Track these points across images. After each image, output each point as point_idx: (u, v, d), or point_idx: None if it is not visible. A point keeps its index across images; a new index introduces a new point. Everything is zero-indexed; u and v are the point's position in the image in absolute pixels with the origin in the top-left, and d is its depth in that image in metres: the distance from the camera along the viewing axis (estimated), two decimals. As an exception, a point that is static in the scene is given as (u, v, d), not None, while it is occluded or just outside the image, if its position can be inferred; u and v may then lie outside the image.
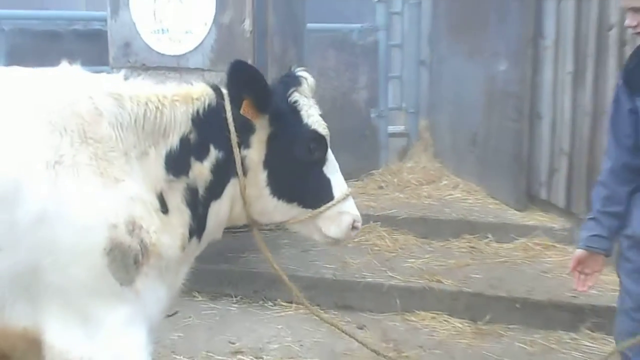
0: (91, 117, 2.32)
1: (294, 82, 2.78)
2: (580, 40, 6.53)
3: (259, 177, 2.70)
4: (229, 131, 2.61)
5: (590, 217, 3.46)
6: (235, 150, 2.61)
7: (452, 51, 8.97)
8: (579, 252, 3.47)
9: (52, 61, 2.57)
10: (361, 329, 5.27)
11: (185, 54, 5.61)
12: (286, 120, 2.72)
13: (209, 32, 5.51)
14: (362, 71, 9.29)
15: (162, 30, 5.65)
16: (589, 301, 5.16)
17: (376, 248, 6.49)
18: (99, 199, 2.24)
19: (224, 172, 2.64)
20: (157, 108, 2.48)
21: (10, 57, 6.71)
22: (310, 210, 2.80)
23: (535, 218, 7.12)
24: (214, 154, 2.60)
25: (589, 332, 5.17)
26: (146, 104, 2.47)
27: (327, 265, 5.78)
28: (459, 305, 5.43)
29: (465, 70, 8.41)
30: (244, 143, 2.65)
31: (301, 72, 2.85)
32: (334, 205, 2.81)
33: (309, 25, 7.56)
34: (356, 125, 8.97)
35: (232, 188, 2.68)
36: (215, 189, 2.64)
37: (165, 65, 5.55)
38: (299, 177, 2.79)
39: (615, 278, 3.97)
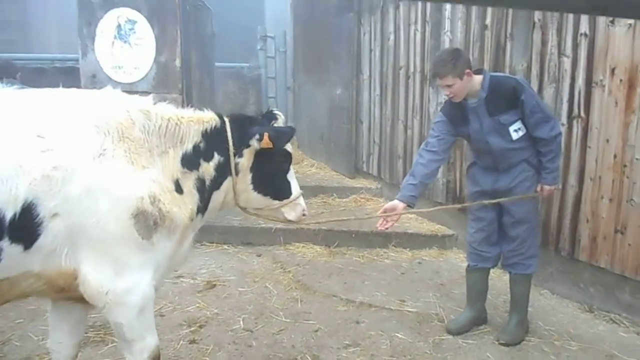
0: (127, 123, 2.22)
1: (273, 117, 2.74)
2: (383, 75, 6.81)
3: (246, 178, 2.63)
4: (228, 145, 2.54)
5: (412, 182, 3.45)
6: (232, 158, 2.54)
7: (306, 82, 9.01)
8: (395, 203, 3.43)
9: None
10: (259, 256, 5.28)
11: (136, 82, 5.38)
12: None
13: (151, 68, 5.32)
14: (251, 94, 9.31)
15: (119, 66, 5.40)
16: (393, 230, 5.34)
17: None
18: (130, 179, 2.16)
19: (223, 172, 2.55)
20: (176, 124, 2.39)
21: (6, 88, 6.10)
22: (278, 202, 2.77)
23: (360, 182, 7.27)
24: (217, 158, 2.51)
25: (393, 247, 5.51)
26: (168, 119, 2.37)
27: (235, 217, 5.69)
28: (319, 237, 5.51)
29: (316, 94, 8.46)
30: (238, 153, 2.57)
31: (277, 111, 2.82)
32: (292, 199, 2.80)
33: (217, 64, 7.43)
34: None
35: (227, 183, 2.59)
36: (217, 182, 2.55)
37: (123, 90, 5.29)
38: (273, 179, 2.73)
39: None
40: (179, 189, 2.33)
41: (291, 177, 2.81)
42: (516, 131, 3.35)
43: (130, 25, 5.27)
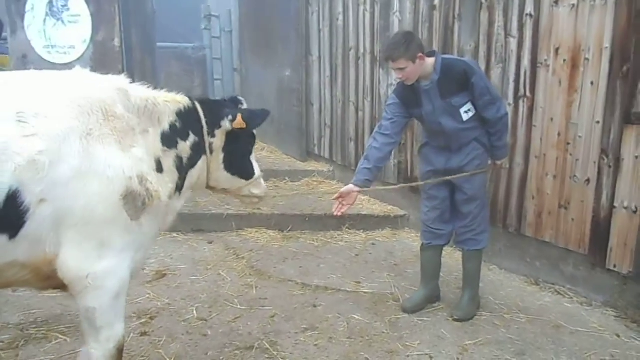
0: (110, 101, 2.19)
1: (238, 102, 2.83)
2: (332, 56, 6.75)
3: (218, 157, 2.69)
4: (202, 125, 2.57)
5: (367, 167, 3.50)
6: (205, 137, 2.59)
7: (254, 63, 8.76)
8: (350, 187, 3.48)
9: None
10: (211, 243, 5.15)
11: (71, 62, 5.07)
12: None
13: (87, 47, 5.04)
14: (197, 75, 9.03)
15: (51, 46, 5.06)
16: (346, 212, 5.45)
17: (215, 192, 6.26)
18: (118, 159, 2.12)
19: (198, 151, 2.58)
20: (153, 103, 2.38)
21: None
22: (245, 181, 2.86)
23: (312, 165, 7.23)
24: (192, 137, 2.53)
25: (347, 229, 5.54)
26: (146, 99, 2.36)
27: (185, 205, 5.57)
28: (272, 222, 5.46)
29: (264, 75, 8.22)
30: (211, 134, 2.62)
31: (240, 97, 2.90)
32: (256, 178, 2.90)
33: (159, 44, 7.12)
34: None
35: (202, 162, 2.62)
36: (193, 160, 2.56)
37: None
38: (241, 160, 2.82)
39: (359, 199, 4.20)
40: (159, 168, 2.34)
41: (253, 158, 2.93)
42: (466, 112, 3.43)
43: (63, 1, 4.94)
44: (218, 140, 2.66)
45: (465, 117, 3.43)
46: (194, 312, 3.78)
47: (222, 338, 3.43)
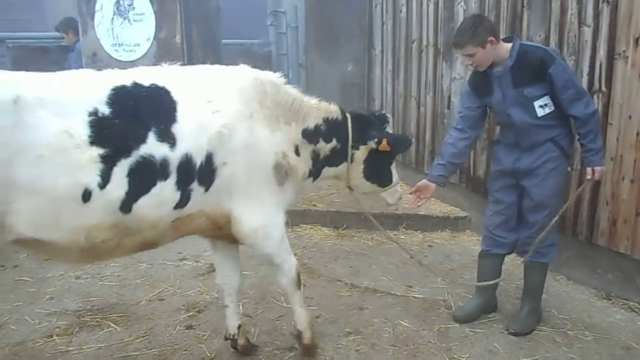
0: (263, 94, 2.68)
1: (385, 120, 3.20)
2: (395, 49, 6.59)
3: (359, 167, 3.13)
4: (348, 137, 3.04)
5: (440, 162, 3.43)
6: (349, 150, 3.05)
7: (318, 58, 8.70)
8: (426, 182, 3.46)
9: (44, 68, 2.54)
10: None
11: (136, 60, 5.27)
12: None
13: (151, 45, 5.20)
14: (262, 71, 9.08)
15: (119, 44, 5.29)
16: (404, 212, 5.30)
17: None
18: (270, 138, 2.67)
19: (338, 156, 3.06)
20: (300, 103, 2.87)
21: (14, 66, 6.07)
22: (381, 188, 3.26)
23: None
24: (334, 143, 3.02)
25: (404, 230, 5.36)
26: (294, 98, 2.85)
27: None
28: (327, 219, 5.39)
29: (328, 70, 8.10)
30: (355, 147, 3.07)
31: (388, 114, 3.30)
32: (393, 186, 3.28)
33: (225, 41, 7.24)
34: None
35: (342, 167, 3.10)
36: (331, 161, 3.06)
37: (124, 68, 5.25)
38: (380, 171, 3.20)
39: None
40: (297, 152, 2.85)
41: (393, 166, 3.28)
42: (542, 107, 3.11)
43: (129, 0, 5.13)
44: (360, 154, 3.10)
45: (540, 112, 3.12)
46: (241, 307, 3.74)
47: (264, 336, 3.41)
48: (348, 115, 3.08)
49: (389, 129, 3.23)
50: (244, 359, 3.17)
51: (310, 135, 2.91)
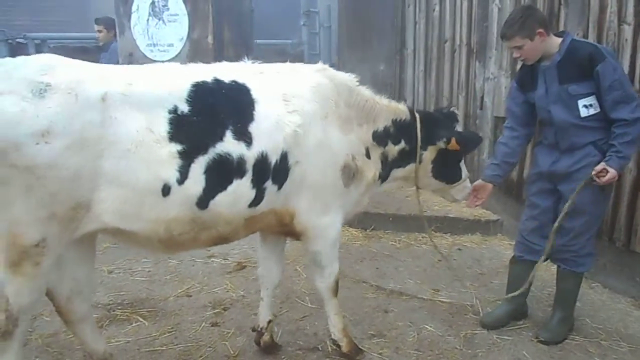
0: (338, 96, 2.69)
1: (454, 118, 3.17)
2: (427, 49, 6.50)
3: (427, 167, 3.10)
4: (416, 138, 2.99)
5: (494, 162, 3.40)
6: (418, 150, 3.01)
7: (350, 58, 8.67)
8: (482, 182, 3.41)
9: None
10: None
11: (170, 59, 5.37)
12: None
13: (184, 45, 5.30)
14: (295, 71, 9.14)
15: (153, 44, 5.41)
16: (432, 214, 5.23)
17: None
18: (342, 139, 2.68)
19: (406, 157, 3.03)
20: (372, 105, 2.85)
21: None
22: (449, 185, 3.23)
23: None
24: (402, 144, 2.99)
25: (433, 232, 5.14)
26: (367, 100, 2.83)
27: None
28: (355, 220, 5.16)
29: (359, 70, 8.14)
30: (423, 147, 3.03)
31: (457, 111, 3.28)
32: (461, 182, 3.24)
33: (258, 41, 7.32)
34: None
35: (410, 168, 3.07)
36: (398, 163, 3.03)
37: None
38: (449, 168, 3.16)
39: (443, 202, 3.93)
40: (368, 155, 2.86)
41: (461, 162, 3.23)
42: (586, 107, 2.96)
43: (164, 1, 5.23)
44: (429, 154, 3.06)
45: (583, 112, 2.97)
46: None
47: (287, 336, 3.41)
48: (417, 115, 3.04)
49: (458, 126, 3.19)
50: (266, 357, 3.17)
51: (380, 138, 2.90)
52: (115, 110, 2.12)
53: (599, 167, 2.95)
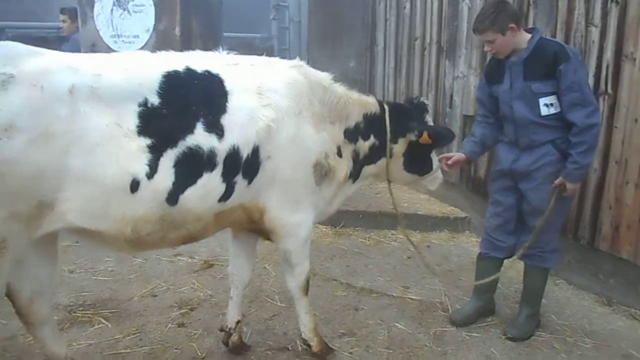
0: (311, 93, 2.64)
1: (424, 109, 3.11)
2: (398, 46, 6.50)
3: (398, 160, 3.06)
4: (386, 131, 2.94)
5: (474, 140, 3.42)
6: (388, 144, 2.96)
7: (320, 53, 8.62)
8: (461, 155, 3.42)
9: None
10: None
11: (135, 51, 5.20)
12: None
13: (150, 36, 5.12)
14: (263, 66, 9.00)
15: (118, 35, 5.21)
16: (402, 210, 5.17)
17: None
18: (315, 136, 2.63)
19: (377, 152, 2.97)
20: (344, 102, 2.80)
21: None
22: (421, 177, 3.21)
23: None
24: (372, 140, 2.94)
25: (403, 229, 5.27)
26: (339, 97, 2.79)
27: None
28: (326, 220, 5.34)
29: (329, 67, 8.10)
30: (393, 140, 2.98)
31: (427, 102, 3.18)
32: (433, 173, 3.21)
33: (226, 34, 7.16)
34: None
35: (381, 163, 3.02)
36: (369, 159, 2.97)
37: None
38: (421, 160, 3.14)
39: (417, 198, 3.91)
40: (339, 153, 2.81)
41: (432, 153, 3.20)
42: (547, 106, 3.00)
43: (129, -9, 5.05)
44: (400, 147, 3.02)
45: (544, 110, 3.01)
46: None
47: (256, 336, 3.34)
48: (386, 107, 2.98)
49: (429, 117, 3.14)
50: (235, 358, 3.10)
51: (351, 134, 2.86)
52: (84, 103, 2.01)
53: (557, 182, 3.05)
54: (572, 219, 3.98)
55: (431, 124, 3.16)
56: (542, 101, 3.00)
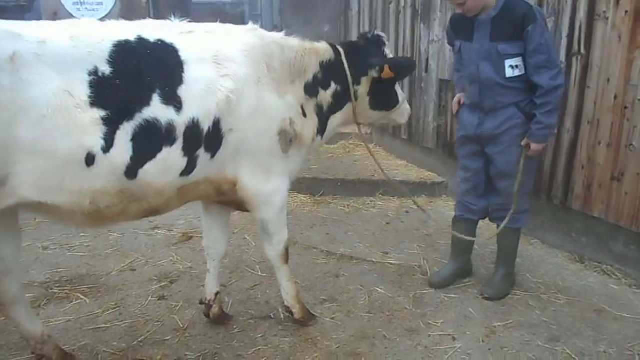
0: (270, 55, 2.56)
1: (381, 43, 3.01)
2: (372, 10, 6.41)
3: (364, 101, 2.99)
4: (346, 75, 2.84)
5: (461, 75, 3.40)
6: (351, 87, 2.87)
7: (293, 19, 8.53)
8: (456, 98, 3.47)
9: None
10: None
11: (99, 20, 4.98)
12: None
13: (115, 4, 4.92)
14: (234, 33, 8.78)
15: (80, 2, 5.00)
16: (380, 178, 5.25)
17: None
18: (278, 103, 2.56)
19: (340, 98, 2.89)
20: (301, 56, 2.70)
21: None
22: (389, 112, 3.15)
23: (349, 127, 7.01)
24: (333, 87, 2.84)
25: (380, 196, 5.33)
26: (296, 52, 2.69)
27: None
28: (304, 185, 5.27)
29: (303, 32, 8.00)
30: (356, 82, 2.89)
31: (382, 34, 3.07)
32: (400, 105, 3.16)
33: (195, 0, 6.95)
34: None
35: (347, 108, 2.94)
36: (334, 108, 2.89)
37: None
38: (386, 96, 3.07)
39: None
40: (304, 113, 2.73)
41: (396, 86, 3.14)
42: (512, 67, 3.00)
43: (90, -45, 4.82)
44: (363, 87, 2.94)
45: (509, 72, 3.00)
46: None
47: (239, 306, 3.36)
48: (341, 50, 2.88)
49: (387, 50, 3.04)
50: (217, 329, 3.12)
51: (311, 89, 2.76)
52: (27, 71, 1.91)
53: (523, 143, 3.09)
54: (545, 179, 4.06)
55: (391, 56, 3.07)
56: (508, 63, 2.99)
